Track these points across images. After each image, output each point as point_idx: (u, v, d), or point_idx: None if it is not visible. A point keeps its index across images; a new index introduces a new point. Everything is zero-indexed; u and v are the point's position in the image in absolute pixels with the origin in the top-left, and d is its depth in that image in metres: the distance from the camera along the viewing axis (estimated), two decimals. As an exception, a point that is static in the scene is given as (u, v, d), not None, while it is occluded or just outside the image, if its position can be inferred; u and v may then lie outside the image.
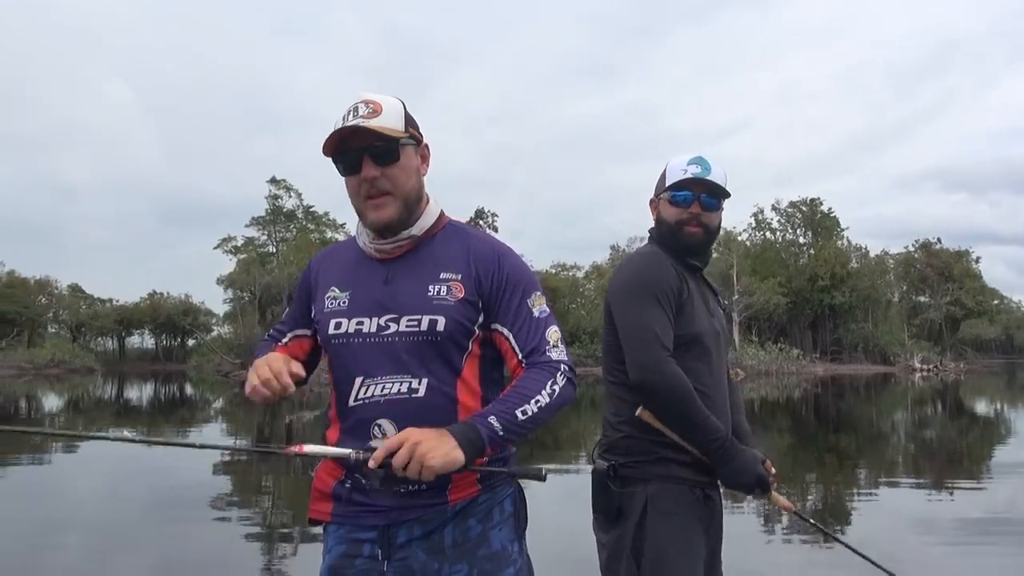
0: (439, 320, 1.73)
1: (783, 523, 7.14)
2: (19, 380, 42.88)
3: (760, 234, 68.79)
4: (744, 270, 60.42)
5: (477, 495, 1.77)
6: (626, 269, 2.38)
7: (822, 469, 11.51)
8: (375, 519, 1.75)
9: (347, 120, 1.73)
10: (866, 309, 62.92)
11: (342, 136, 1.73)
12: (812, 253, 64.97)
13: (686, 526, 2.23)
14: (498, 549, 1.76)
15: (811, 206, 66.20)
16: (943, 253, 68.67)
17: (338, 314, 1.80)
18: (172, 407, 25.55)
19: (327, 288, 1.85)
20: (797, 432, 17.31)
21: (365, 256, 1.85)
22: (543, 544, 5.63)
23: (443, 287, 1.76)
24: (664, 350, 2.19)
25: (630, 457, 2.30)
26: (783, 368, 51.77)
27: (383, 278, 1.79)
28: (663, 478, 2.25)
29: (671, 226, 2.41)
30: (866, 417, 21.40)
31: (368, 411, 1.73)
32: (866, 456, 13.21)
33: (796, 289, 61.20)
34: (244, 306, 60.10)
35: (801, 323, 63.07)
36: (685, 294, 2.31)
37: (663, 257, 2.35)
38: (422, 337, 1.73)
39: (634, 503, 2.24)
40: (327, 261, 1.94)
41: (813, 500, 8.98)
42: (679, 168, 2.41)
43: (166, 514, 7.68)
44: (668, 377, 2.16)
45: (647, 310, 2.22)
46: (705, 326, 2.34)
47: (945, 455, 13.07)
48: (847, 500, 9.03)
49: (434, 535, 1.73)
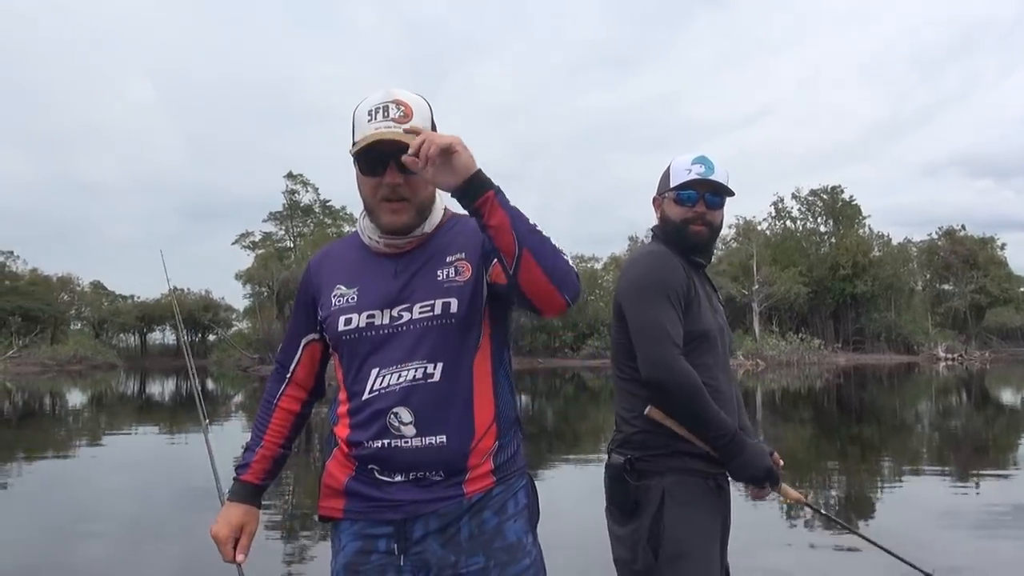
0: (452, 302, 1.74)
1: (806, 516, 7.10)
2: (42, 377, 43.44)
3: (780, 223, 68.37)
4: (764, 259, 60.07)
5: (492, 487, 1.78)
6: (635, 268, 2.43)
7: (845, 460, 11.43)
8: (391, 514, 1.75)
9: (375, 118, 1.72)
10: (889, 298, 62.39)
11: (375, 140, 1.71)
12: (833, 242, 64.51)
13: (703, 516, 2.29)
14: (513, 541, 1.77)
15: (832, 194, 65.65)
16: (967, 240, 67.84)
17: (347, 310, 1.79)
18: (193, 402, 25.75)
19: (332, 287, 1.85)
20: (819, 423, 17.21)
21: (371, 252, 1.84)
22: (559, 536, 5.66)
23: (450, 269, 1.78)
24: (675, 347, 2.24)
25: (646, 451, 2.34)
26: (804, 358, 51.49)
27: (392, 272, 1.79)
28: (679, 471, 2.30)
29: (677, 225, 2.47)
30: (889, 407, 21.24)
31: (384, 401, 1.73)
32: (890, 447, 13.11)
33: (817, 278, 60.79)
34: (263, 301, 60.49)
35: (822, 313, 62.65)
36: (693, 292, 2.37)
37: (671, 255, 2.40)
38: (437, 321, 1.74)
39: (651, 496, 2.28)
40: (327, 261, 1.93)
41: (836, 492, 8.93)
42: (683, 168, 2.47)
43: (187, 507, 7.76)
44: (679, 374, 2.22)
45: (658, 308, 2.28)
46: (711, 322, 2.40)
47: (971, 445, 12.95)
48: (871, 491, 8.97)
49: (450, 528, 1.73)
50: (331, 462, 1.85)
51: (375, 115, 1.73)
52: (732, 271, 60.45)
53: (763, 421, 17.15)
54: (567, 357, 52.09)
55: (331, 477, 1.84)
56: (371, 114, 1.73)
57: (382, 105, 1.73)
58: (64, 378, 42.14)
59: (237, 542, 1.89)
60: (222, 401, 25.27)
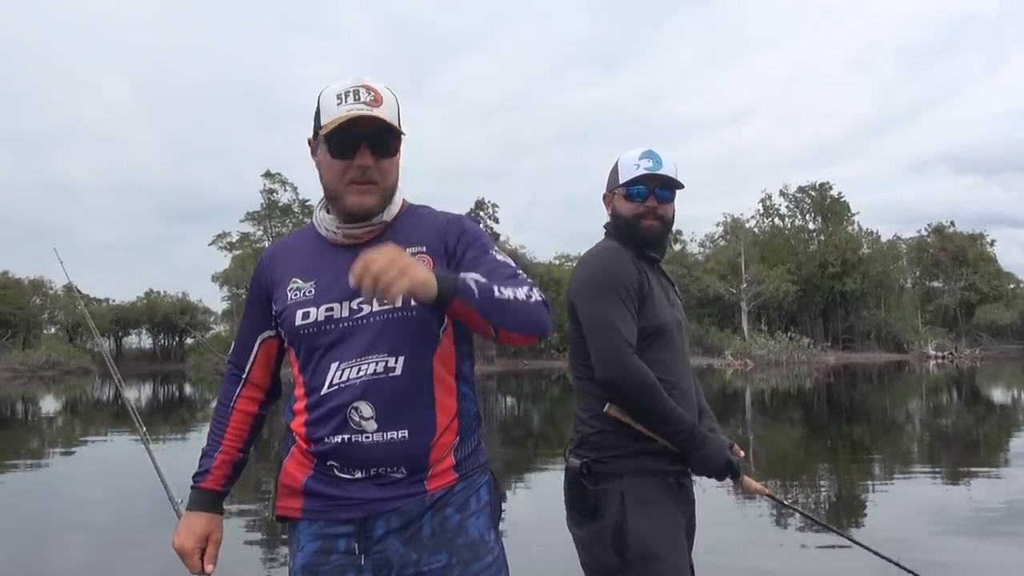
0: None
1: (796, 518, 7.14)
2: (14, 383, 43.01)
3: (768, 221, 68.76)
4: (752, 258, 60.42)
5: (454, 484, 1.78)
6: (587, 266, 2.45)
7: (835, 460, 11.51)
8: (351, 512, 1.74)
9: (345, 101, 1.73)
10: (878, 296, 62.84)
11: (348, 120, 1.72)
12: (822, 239, 64.91)
13: (667, 514, 2.31)
14: (476, 538, 1.78)
15: (820, 191, 66.06)
16: (957, 237, 68.38)
17: (304, 304, 1.78)
18: (170, 407, 25.60)
19: (287, 281, 1.83)
20: (809, 423, 17.32)
21: (328, 244, 1.84)
22: (520, 536, 5.61)
23: None
24: (627, 346, 2.27)
25: (602, 452, 2.36)
26: (794, 357, 51.78)
27: (350, 264, 1.75)
28: (636, 472, 2.32)
29: (628, 220, 2.49)
30: (879, 406, 21.39)
31: (344, 395, 1.72)
32: (880, 446, 13.21)
33: (806, 276, 61.18)
34: (240, 303, 60.16)
35: (812, 311, 63.03)
36: (646, 287, 2.40)
37: (622, 252, 2.43)
38: (398, 314, 1.73)
39: (610, 499, 2.30)
40: (280, 255, 1.91)
41: (826, 492, 8.99)
42: (631, 164, 2.50)
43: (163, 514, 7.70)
44: (632, 373, 2.25)
45: (610, 307, 2.31)
46: (667, 316, 2.43)
47: (961, 444, 13.07)
48: (860, 492, 9.03)
49: (412, 526, 1.73)
50: (289, 461, 1.83)
51: (345, 98, 1.73)
52: (720, 269, 60.75)
53: (752, 422, 17.24)
54: (553, 358, 52.08)
55: (289, 476, 1.82)
56: (340, 98, 1.74)
57: (352, 89, 1.74)
58: (36, 384, 41.75)
59: (203, 552, 1.87)
60: (200, 406, 25.12)
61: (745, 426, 16.23)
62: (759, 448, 12.89)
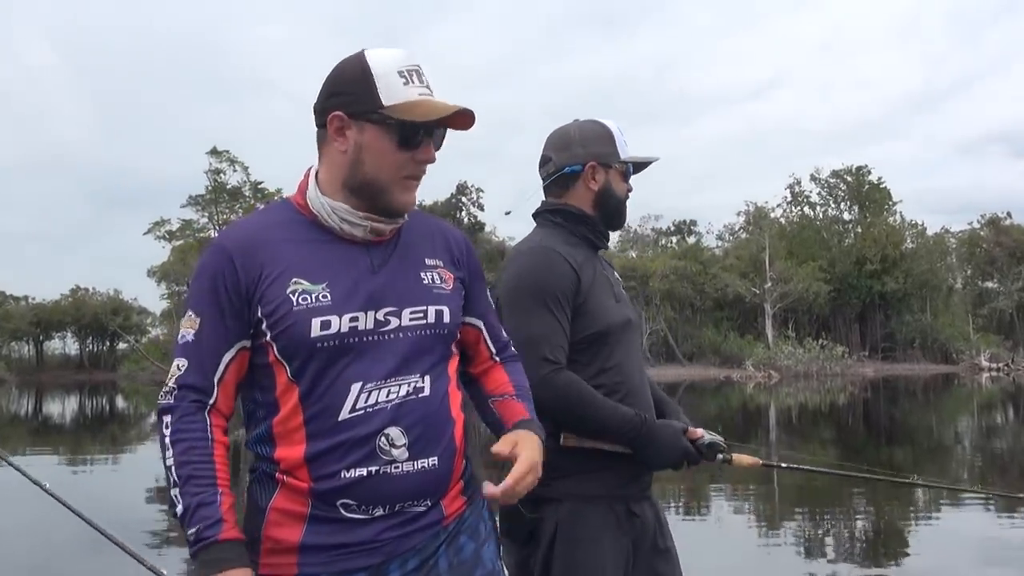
0: (444, 311, 1.81)
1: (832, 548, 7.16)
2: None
3: (797, 210, 69.08)
4: (778, 253, 60.63)
5: (463, 509, 1.82)
6: (511, 269, 2.50)
7: (873, 487, 11.55)
8: (368, 559, 1.70)
9: (412, 81, 1.74)
10: (923, 297, 63.19)
11: (447, 111, 1.73)
12: (859, 231, 65.24)
13: (598, 551, 2.38)
14: (491, 569, 1.83)
15: (857, 176, 66.41)
16: (1014, 230, 68.72)
17: (321, 311, 1.70)
18: (100, 423, 25.49)
19: (284, 280, 1.72)
20: (843, 444, 17.37)
21: (334, 237, 1.78)
22: None
23: (434, 274, 1.84)
24: (548, 363, 2.33)
25: (544, 473, 2.39)
26: (825, 369, 52.07)
27: (369, 266, 1.76)
28: (576, 498, 2.39)
29: (621, 200, 2.60)
30: (924, 426, 21.50)
31: (372, 423, 1.69)
32: (925, 471, 13.25)
33: (840, 275, 61.45)
34: (182, 302, 59.85)
35: (847, 315, 63.33)
36: (587, 286, 2.44)
37: (551, 252, 2.44)
38: (430, 331, 1.78)
39: (544, 527, 2.38)
40: (259, 246, 1.76)
41: (863, 523, 9.02)
42: (623, 139, 2.60)
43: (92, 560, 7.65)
44: (557, 389, 2.32)
45: (533, 319, 2.37)
46: (614, 316, 2.49)
47: (1019, 469, 13.13)
48: (904, 523, 9.09)
49: (428, 561, 1.74)
50: (273, 505, 1.73)
51: (412, 78, 1.74)
52: (740, 266, 60.96)
53: (777, 444, 17.29)
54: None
55: (276, 526, 1.72)
56: (406, 76, 1.74)
57: (414, 68, 1.75)
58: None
59: None
60: (133, 422, 25.03)
61: (769, 447, 16.24)
62: (783, 475, 12.93)
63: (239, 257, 1.74)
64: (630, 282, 56.27)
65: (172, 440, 1.69)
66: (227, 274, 1.73)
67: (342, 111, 1.74)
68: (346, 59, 1.78)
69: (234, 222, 1.97)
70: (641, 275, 57.59)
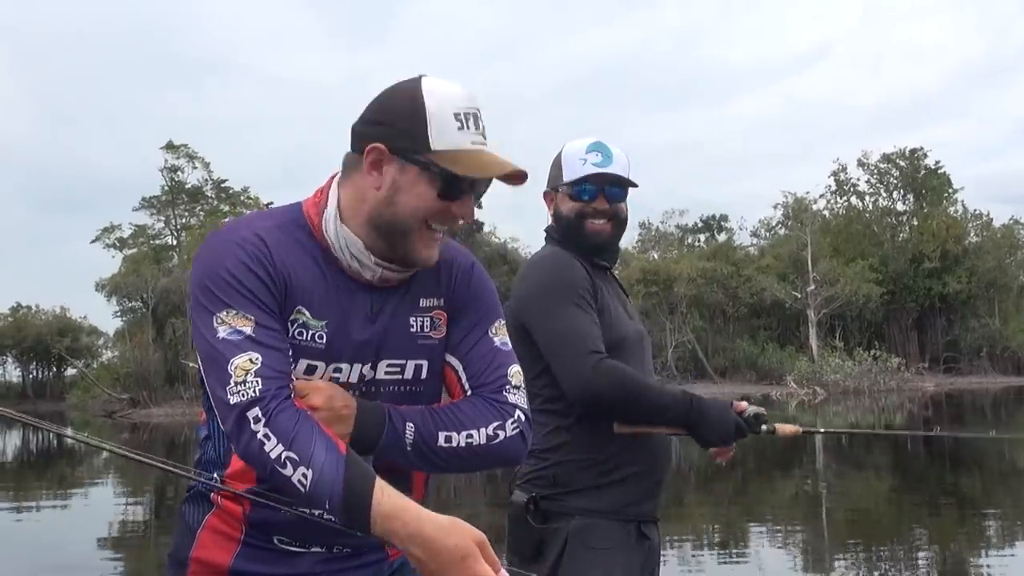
0: (423, 365, 1.85)
1: None
2: None
3: (843, 200, 69.05)
4: (822, 251, 60.59)
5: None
6: (532, 274, 2.78)
7: (937, 520, 11.53)
8: None
9: (468, 127, 1.74)
10: (991, 299, 63.16)
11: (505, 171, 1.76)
12: (914, 224, 65.19)
13: (612, 562, 2.54)
14: None
15: (912, 160, 66.40)
16: (1094, 220, 68.77)
17: (312, 353, 1.75)
18: (47, 461, 25.49)
19: (294, 303, 1.75)
20: (901, 471, 17.35)
21: (342, 276, 1.80)
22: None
23: (426, 319, 1.86)
24: (595, 354, 2.54)
25: (555, 488, 2.64)
26: (879, 383, 51.90)
27: (368, 310, 1.79)
28: (590, 512, 2.59)
29: (572, 221, 2.79)
30: (994, 449, 21.43)
31: None
32: (996, 502, 13.23)
33: (894, 275, 61.41)
34: (135, 320, 59.83)
35: (902, 321, 63.27)
36: (600, 297, 2.70)
37: (568, 256, 2.74)
38: (404, 387, 1.83)
39: (555, 541, 2.56)
40: (286, 261, 1.75)
41: (925, 563, 9.01)
42: (577, 157, 2.79)
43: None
44: (612, 376, 2.53)
45: (567, 315, 2.60)
46: (628, 329, 2.77)
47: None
48: (972, 560, 9.08)
49: None
50: (205, 527, 1.83)
51: (467, 123, 1.74)
52: (779, 267, 60.92)
53: (824, 471, 17.24)
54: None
55: (205, 549, 1.82)
56: (461, 120, 1.73)
57: (471, 112, 1.75)
58: None
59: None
60: (84, 459, 25.01)
61: (816, 476, 16.22)
62: (834, 507, 12.92)
63: (275, 251, 1.73)
64: (651, 287, 56.29)
65: (276, 431, 1.58)
66: (272, 272, 1.71)
67: (385, 144, 1.72)
68: (400, 84, 1.77)
69: (243, 217, 1.94)
70: (664, 279, 57.66)
